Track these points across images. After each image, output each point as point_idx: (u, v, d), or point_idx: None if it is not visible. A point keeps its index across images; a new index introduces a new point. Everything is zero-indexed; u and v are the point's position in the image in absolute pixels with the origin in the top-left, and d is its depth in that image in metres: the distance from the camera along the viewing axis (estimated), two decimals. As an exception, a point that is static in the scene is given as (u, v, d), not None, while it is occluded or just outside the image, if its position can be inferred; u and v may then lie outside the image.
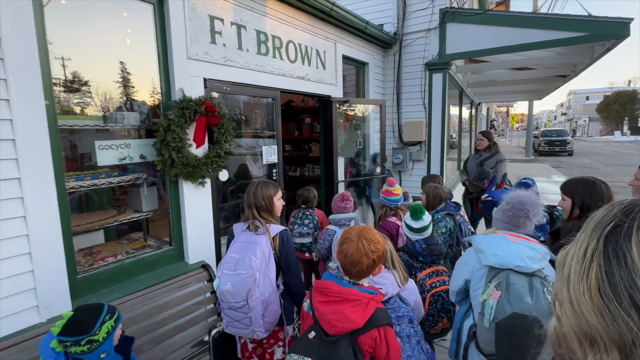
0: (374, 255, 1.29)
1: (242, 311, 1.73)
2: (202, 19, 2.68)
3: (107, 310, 1.44)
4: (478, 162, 4.39)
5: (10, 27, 1.71)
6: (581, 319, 0.42)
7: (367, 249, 1.28)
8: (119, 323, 1.47)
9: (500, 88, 9.20)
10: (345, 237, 1.34)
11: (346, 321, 1.18)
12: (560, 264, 0.48)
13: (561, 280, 0.46)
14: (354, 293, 1.23)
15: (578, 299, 0.42)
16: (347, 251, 1.29)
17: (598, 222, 0.45)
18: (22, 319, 1.82)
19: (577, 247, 0.46)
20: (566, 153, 20.17)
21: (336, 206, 2.65)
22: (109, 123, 2.35)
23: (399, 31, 5.31)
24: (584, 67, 5.80)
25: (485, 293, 1.39)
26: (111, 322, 1.42)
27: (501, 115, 27.64)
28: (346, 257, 1.30)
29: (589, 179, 1.81)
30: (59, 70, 2.06)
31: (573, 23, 4.19)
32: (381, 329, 1.23)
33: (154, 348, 2.06)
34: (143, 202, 2.58)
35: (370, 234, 1.33)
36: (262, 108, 3.80)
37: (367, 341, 1.21)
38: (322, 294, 1.26)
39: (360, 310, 1.20)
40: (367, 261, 1.28)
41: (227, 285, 1.70)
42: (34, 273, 1.84)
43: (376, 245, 1.31)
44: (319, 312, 1.24)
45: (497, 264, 1.41)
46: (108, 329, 1.40)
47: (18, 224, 1.78)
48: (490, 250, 1.46)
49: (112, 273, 2.26)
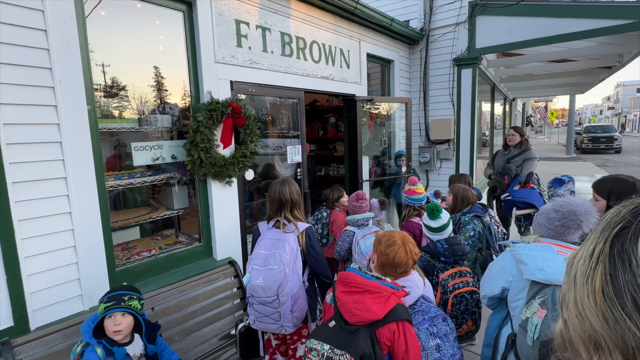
0: (415, 257, 1.46)
1: (273, 306, 1.79)
2: (229, 24, 2.78)
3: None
4: (505, 159, 4.19)
5: (57, 40, 1.88)
6: (585, 322, 0.41)
7: (413, 252, 1.44)
8: (108, 312, 1.51)
9: (537, 82, 8.70)
10: (391, 241, 1.44)
11: (366, 311, 1.22)
12: (569, 264, 0.47)
13: (568, 282, 0.45)
14: (375, 285, 1.27)
15: (583, 302, 0.41)
16: (395, 254, 1.40)
17: (607, 223, 0.43)
18: (68, 307, 1.99)
19: (586, 248, 0.44)
20: (613, 150, 18.66)
21: (352, 206, 2.64)
22: (143, 125, 2.50)
23: (426, 27, 5.18)
24: (632, 56, 5.36)
25: (529, 310, 1.29)
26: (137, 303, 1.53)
27: (539, 110, 26.07)
28: (393, 260, 1.40)
29: (627, 178, 1.67)
30: (99, 77, 2.23)
31: (619, 9, 3.88)
32: (400, 324, 1.26)
33: (184, 339, 2.17)
34: (175, 201, 2.72)
35: (411, 240, 1.50)
36: (287, 108, 3.86)
37: (386, 333, 1.23)
38: (345, 285, 1.31)
39: (381, 302, 1.24)
40: (412, 264, 1.44)
41: (259, 280, 1.76)
42: (78, 265, 2.01)
43: (416, 249, 1.47)
44: (341, 302, 1.29)
45: (544, 280, 1.29)
46: (100, 310, 1.49)
47: (64, 219, 1.95)
48: (535, 265, 1.33)
49: (146, 267, 2.41)
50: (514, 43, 4.59)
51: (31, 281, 1.84)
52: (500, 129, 9.67)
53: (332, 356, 1.17)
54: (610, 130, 19.94)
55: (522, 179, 3.92)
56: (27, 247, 1.81)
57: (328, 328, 1.27)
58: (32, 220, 1.83)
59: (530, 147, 4.17)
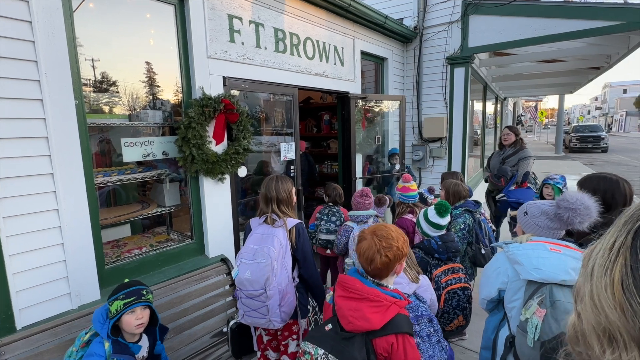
0: (387, 252, 1.26)
1: (260, 300, 1.78)
2: (221, 18, 2.74)
3: (127, 293, 1.49)
4: (501, 159, 4.24)
5: (43, 32, 1.82)
6: (601, 314, 0.41)
7: (379, 245, 1.26)
8: (130, 308, 1.48)
9: (527, 82, 8.81)
10: (360, 236, 1.34)
11: (363, 320, 1.16)
12: (586, 258, 0.47)
13: (584, 275, 0.45)
14: (375, 293, 1.20)
15: (599, 294, 0.42)
16: (361, 249, 1.29)
17: (630, 217, 0.44)
18: (55, 306, 1.94)
19: (606, 241, 0.44)
20: (600, 150, 19.07)
21: (356, 202, 2.64)
22: (133, 121, 2.46)
23: (420, 25, 5.20)
24: (619, 58, 5.46)
25: (528, 311, 1.27)
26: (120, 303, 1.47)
27: (529, 110, 26.46)
28: (361, 255, 1.29)
29: (611, 176, 1.70)
30: (88, 71, 2.18)
31: (607, 11, 3.95)
32: (400, 337, 1.19)
33: (175, 337, 2.14)
34: (166, 198, 2.68)
35: (383, 231, 1.31)
36: (280, 105, 3.84)
37: (383, 345, 1.17)
38: (344, 289, 1.25)
39: (380, 312, 1.17)
40: (380, 258, 1.25)
41: (246, 274, 1.76)
42: (66, 263, 1.97)
43: (388, 241, 1.27)
44: (338, 306, 1.23)
45: (540, 279, 1.28)
46: (117, 307, 1.45)
47: (51, 217, 1.90)
48: (531, 264, 1.32)
49: (137, 265, 2.37)
50: (506, 42, 4.63)
51: (17, 280, 1.79)
52: (491, 128, 9.78)
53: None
54: (598, 130, 20.37)
55: (518, 179, 3.96)
56: (12, 244, 1.77)
57: (324, 331, 1.22)
58: (18, 217, 1.78)
59: (525, 146, 4.21)
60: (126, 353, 1.44)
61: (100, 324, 1.46)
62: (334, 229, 3.00)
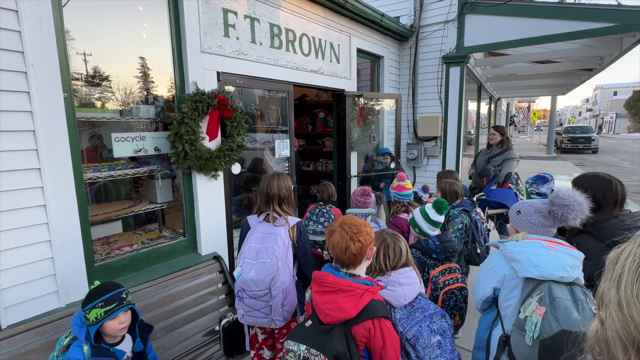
0: (359, 237, 1.31)
1: (264, 300, 1.75)
2: (216, 12, 2.69)
3: (107, 299, 1.40)
4: (486, 158, 4.26)
5: (30, 22, 1.76)
6: (630, 323, 0.38)
7: (350, 233, 1.31)
8: (112, 315, 1.40)
9: (521, 82, 8.89)
10: (330, 230, 1.38)
11: (339, 310, 1.20)
12: (612, 262, 0.44)
13: (610, 281, 0.42)
14: (347, 284, 1.24)
15: (629, 301, 0.39)
16: (334, 241, 1.33)
17: None
18: (43, 304, 1.89)
19: (636, 244, 0.41)
20: (590, 150, 19.35)
21: (356, 200, 2.62)
22: (125, 116, 2.40)
23: (416, 23, 5.19)
24: (611, 59, 5.53)
25: (527, 309, 1.27)
26: (100, 311, 1.38)
27: (522, 111, 26.76)
28: (335, 248, 1.33)
29: (605, 176, 1.71)
30: (78, 64, 2.12)
31: (601, 13, 3.98)
32: (376, 321, 1.24)
33: (166, 336, 2.11)
34: (158, 194, 2.63)
35: (350, 220, 1.37)
36: (275, 102, 3.80)
37: (361, 331, 1.22)
38: (319, 284, 1.29)
39: (354, 300, 1.22)
40: (354, 244, 1.30)
41: (251, 274, 1.73)
42: (53, 260, 1.92)
43: (358, 227, 1.33)
44: (315, 302, 1.27)
45: (539, 276, 1.28)
46: (97, 316, 1.37)
47: (39, 213, 1.85)
48: (530, 261, 1.32)
49: (127, 262, 2.33)
50: (501, 42, 4.65)
51: (2, 277, 1.74)
52: (485, 128, 9.86)
53: (308, 356, 1.16)
54: (589, 131, 20.66)
55: (500, 179, 3.98)
56: (-2, 241, 1.71)
57: (305, 328, 1.26)
58: (3, 213, 1.73)
59: (511, 146, 4.21)
60: (107, 356, 1.39)
61: (78, 327, 1.40)
62: (320, 230, 2.98)
